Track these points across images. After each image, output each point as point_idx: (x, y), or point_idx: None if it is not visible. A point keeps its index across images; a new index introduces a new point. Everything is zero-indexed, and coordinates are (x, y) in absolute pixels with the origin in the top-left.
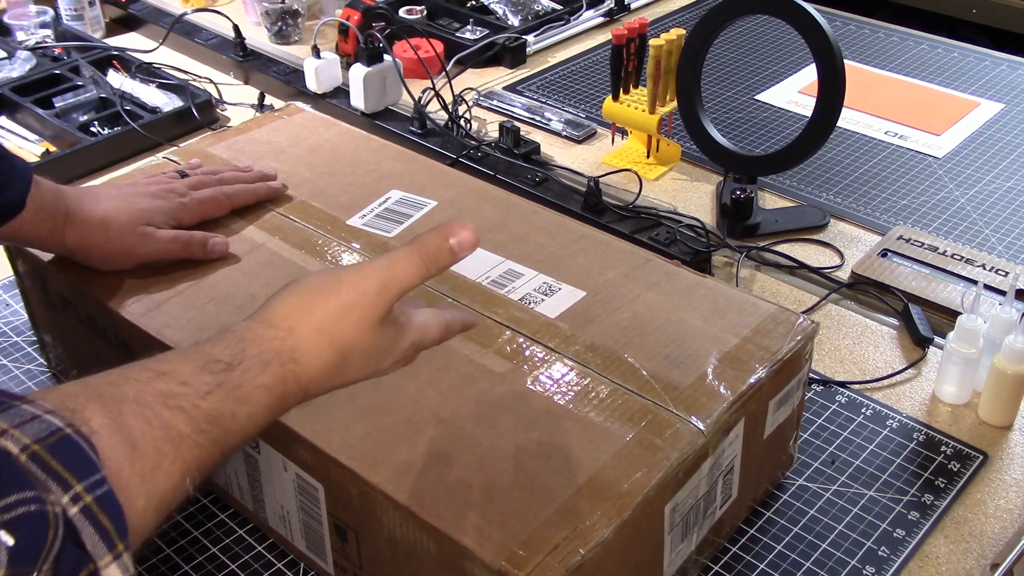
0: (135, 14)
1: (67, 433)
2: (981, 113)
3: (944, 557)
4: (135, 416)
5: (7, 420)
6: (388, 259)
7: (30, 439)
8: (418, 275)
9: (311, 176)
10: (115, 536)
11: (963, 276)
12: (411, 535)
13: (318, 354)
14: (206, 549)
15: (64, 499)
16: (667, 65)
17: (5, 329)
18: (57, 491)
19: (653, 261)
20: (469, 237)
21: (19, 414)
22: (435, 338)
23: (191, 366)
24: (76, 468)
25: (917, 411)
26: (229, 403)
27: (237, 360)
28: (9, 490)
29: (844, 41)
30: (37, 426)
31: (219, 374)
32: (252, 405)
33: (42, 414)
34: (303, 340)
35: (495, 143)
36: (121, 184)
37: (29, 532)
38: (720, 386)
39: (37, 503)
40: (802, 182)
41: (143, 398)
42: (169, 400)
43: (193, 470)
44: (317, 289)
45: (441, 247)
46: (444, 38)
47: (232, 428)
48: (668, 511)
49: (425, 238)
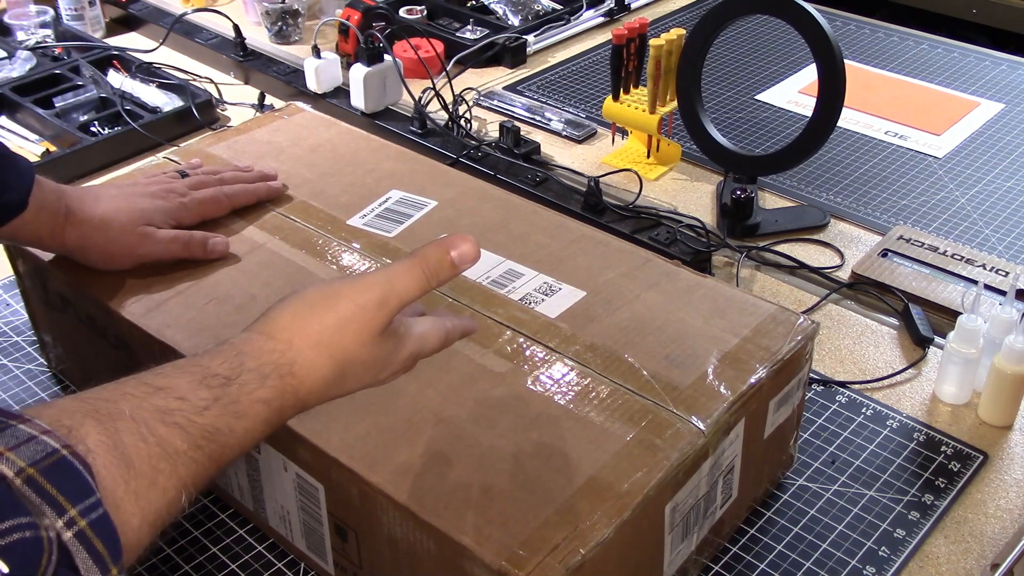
0: (135, 14)
1: (63, 455)
2: (981, 113)
3: (944, 557)
4: (131, 433)
5: (2, 443)
6: (388, 272)
7: (25, 462)
8: (418, 288)
9: (311, 176)
10: (108, 560)
11: (963, 276)
12: (411, 535)
13: (317, 367)
14: (206, 549)
15: (59, 523)
16: (667, 65)
17: (5, 329)
18: (51, 515)
19: (653, 261)
20: (470, 250)
21: (15, 435)
22: (434, 347)
23: (188, 380)
24: (71, 491)
25: (917, 411)
26: (226, 418)
27: (235, 374)
28: (4, 516)
29: (844, 41)
30: (33, 448)
31: (217, 388)
32: (250, 419)
33: (38, 435)
34: (302, 353)
35: (495, 143)
36: (121, 184)
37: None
38: (720, 386)
39: (32, 529)
40: (802, 182)
41: (139, 414)
42: (166, 416)
43: (189, 486)
44: (316, 302)
45: (442, 260)
46: (444, 38)
47: (229, 443)
48: (668, 511)
49: (426, 251)
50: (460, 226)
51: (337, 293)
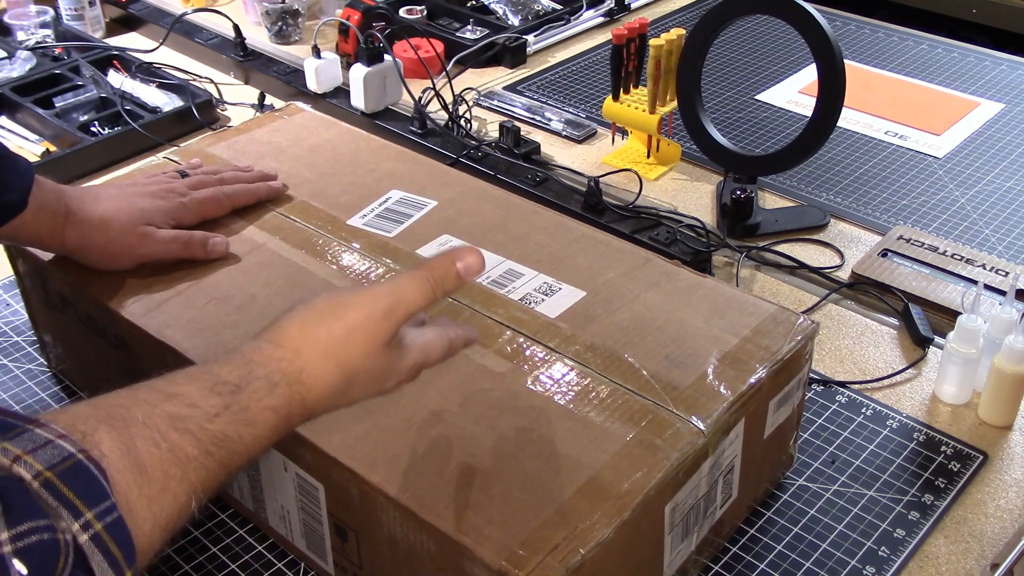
0: (135, 14)
1: (79, 459)
2: (981, 113)
3: (944, 557)
4: (144, 439)
5: (20, 446)
6: (395, 283)
7: (43, 465)
8: (424, 299)
9: (311, 176)
10: (123, 563)
11: (963, 276)
12: (411, 535)
13: (324, 376)
14: (206, 549)
15: (75, 526)
16: (667, 65)
17: (5, 329)
18: (68, 518)
19: (653, 261)
20: (476, 262)
21: (32, 439)
22: (438, 357)
23: (199, 388)
24: (87, 495)
25: (917, 411)
26: (236, 425)
27: (245, 382)
28: (23, 519)
29: (844, 41)
30: (50, 452)
31: (227, 396)
32: (259, 427)
33: (54, 439)
34: (310, 362)
35: (495, 143)
36: (121, 184)
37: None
38: (720, 386)
39: (49, 531)
40: (802, 182)
41: (152, 420)
42: (177, 422)
43: (199, 491)
44: (324, 311)
45: (448, 271)
46: (444, 38)
47: (238, 450)
48: (668, 511)
49: (432, 263)
50: (460, 226)
51: (345, 303)
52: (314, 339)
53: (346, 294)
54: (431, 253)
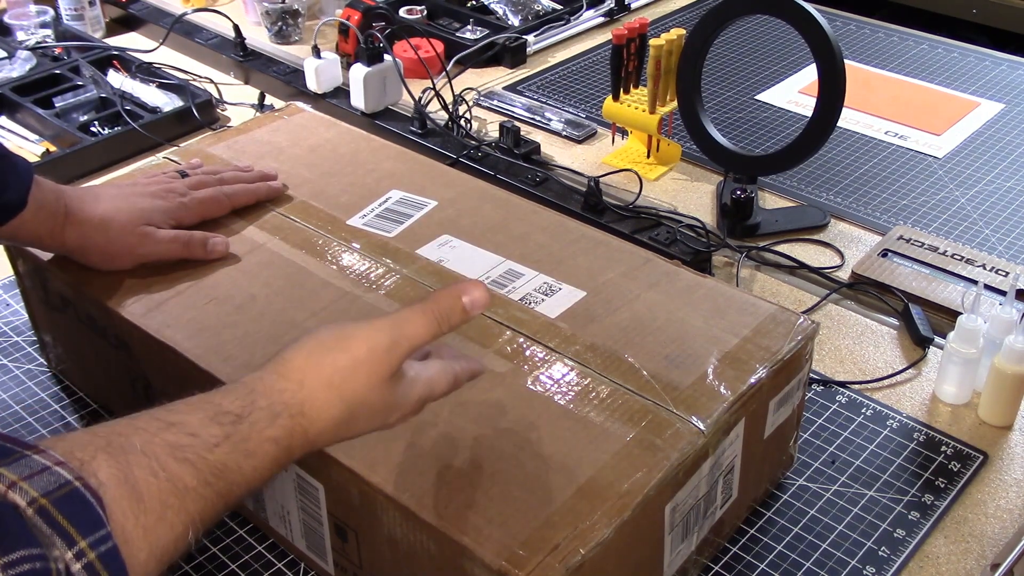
0: (135, 14)
1: (75, 486)
2: (981, 113)
3: (944, 557)
4: (142, 468)
5: (17, 472)
6: (400, 316)
7: (38, 492)
8: (429, 333)
9: (311, 176)
10: None
11: (963, 276)
12: (411, 535)
13: (327, 409)
14: (206, 549)
15: (68, 555)
16: (667, 65)
17: (5, 329)
18: (62, 546)
19: (653, 261)
20: (482, 296)
21: (29, 465)
22: (443, 392)
23: (200, 417)
24: (82, 523)
25: (917, 411)
26: (236, 456)
27: (247, 412)
28: (15, 546)
29: (844, 41)
30: (46, 479)
31: (228, 426)
32: (259, 458)
33: (51, 465)
34: (313, 394)
35: (495, 143)
36: (121, 184)
37: None
38: (720, 386)
39: (41, 560)
40: (802, 182)
41: (151, 449)
42: (177, 452)
43: (197, 522)
44: (328, 344)
45: (454, 306)
46: (444, 38)
47: (237, 480)
48: (668, 511)
49: (438, 296)
50: (460, 226)
51: (350, 336)
52: (318, 372)
53: (350, 327)
54: (431, 253)
